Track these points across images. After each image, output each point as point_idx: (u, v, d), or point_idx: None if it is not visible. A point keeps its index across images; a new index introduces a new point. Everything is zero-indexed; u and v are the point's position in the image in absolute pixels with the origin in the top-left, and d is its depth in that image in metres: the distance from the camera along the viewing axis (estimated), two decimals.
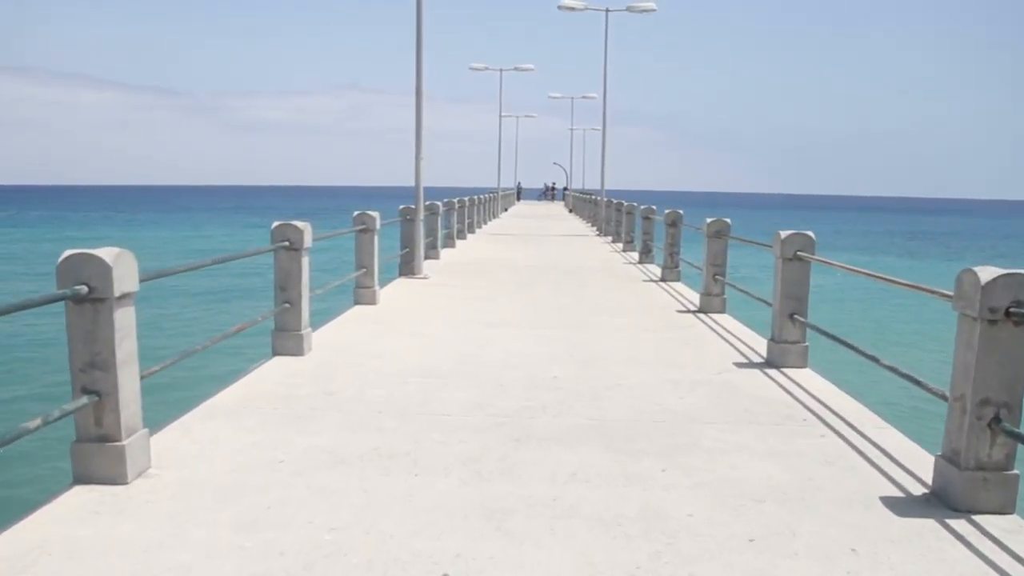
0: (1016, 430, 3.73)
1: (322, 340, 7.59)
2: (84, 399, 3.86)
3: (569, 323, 8.83)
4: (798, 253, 6.95)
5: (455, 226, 19.12)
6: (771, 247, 7.37)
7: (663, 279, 12.89)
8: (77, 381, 3.88)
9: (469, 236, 22.47)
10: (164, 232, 60.62)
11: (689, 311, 9.95)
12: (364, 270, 9.91)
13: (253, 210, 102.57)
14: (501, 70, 38.81)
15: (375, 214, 9.87)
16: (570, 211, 47.04)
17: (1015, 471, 3.84)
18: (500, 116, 39.75)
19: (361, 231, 9.89)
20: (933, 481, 4.08)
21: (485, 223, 28.68)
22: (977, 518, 3.76)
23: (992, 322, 3.71)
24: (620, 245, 20.25)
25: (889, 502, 3.97)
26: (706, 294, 9.86)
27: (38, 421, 3.54)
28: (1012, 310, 3.68)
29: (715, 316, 9.56)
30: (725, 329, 8.69)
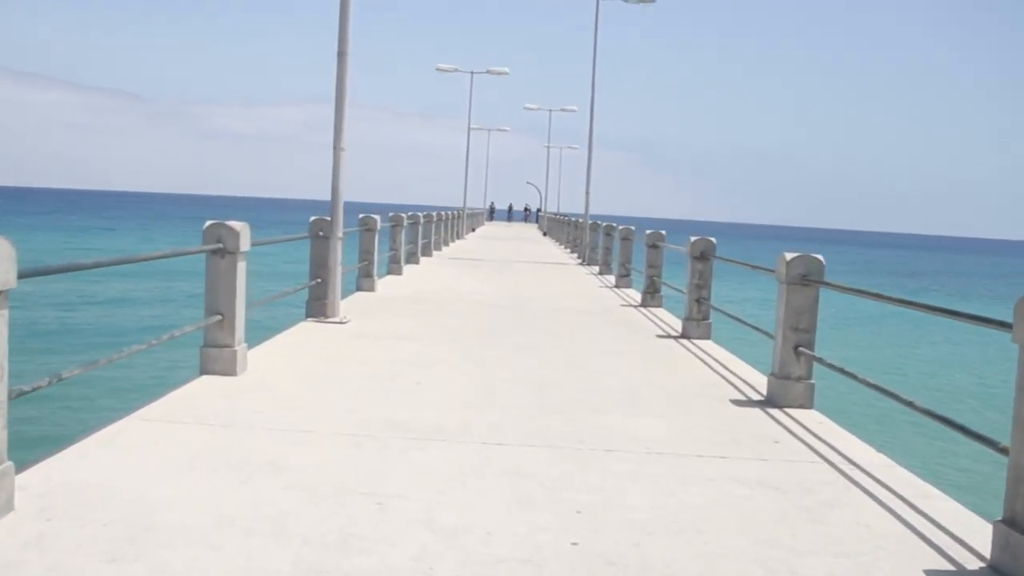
0: None
1: (63, 475, 3.64)
2: None
3: (559, 433, 4.91)
4: None
5: (403, 247, 15.16)
6: (989, 323, 3.60)
7: (686, 335, 9.02)
8: None
9: (424, 260, 18.53)
10: None
11: (752, 401, 6.08)
12: (219, 318, 5.94)
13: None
14: (472, 72, 34.86)
15: (238, 227, 5.90)
16: (544, 234, 43.31)
17: None
18: (469, 125, 35.89)
19: (214, 253, 5.93)
20: None
21: (446, 244, 24.75)
22: None
23: None
24: (612, 278, 16.42)
25: None
26: (781, 376, 5.98)
27: None
28: None
29: (796, 413, 5.71)
30: (842, 455, 4.78)
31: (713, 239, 8.94)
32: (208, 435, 4.47)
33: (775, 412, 5.75)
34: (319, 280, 9.00)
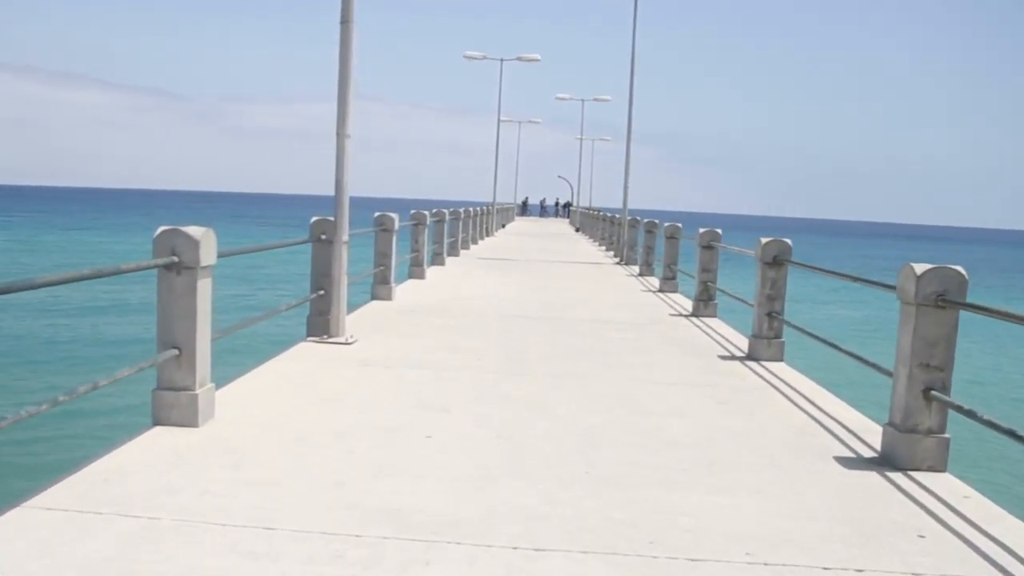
0: None
1: None
2: None
3: (619, 525, 3.50)
4: None
5: (425, 248, 13.82)
6: None
7: (754, 355, 7.57)
8: None
9: (450, 260, 17.21)
10: None
11: (864, 460, 4.65)
12: (174, 353, 4.63)
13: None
14: (501, 60, 33.30)
15: (198, 234, 4.57)
16: (577, 230, 41.84)
17: None
18: (499, 115, 34.37)
19: (168, 269, 4.61)
20: None
21: (474, 243, 23.40)
22: None
23: None
24: (654, 280, 14.98)
25: None
26: (905, 429, 4.54)
27: None
28: None
29: (929, 480, 4.30)
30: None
31: (788, 241, 7.50)
32: (123, 536, 3.14)
33: (900, 479, 4.33)
34: (322, 292, 7.68)
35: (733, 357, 7.68)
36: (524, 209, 71.03)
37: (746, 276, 9.04)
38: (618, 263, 19.57)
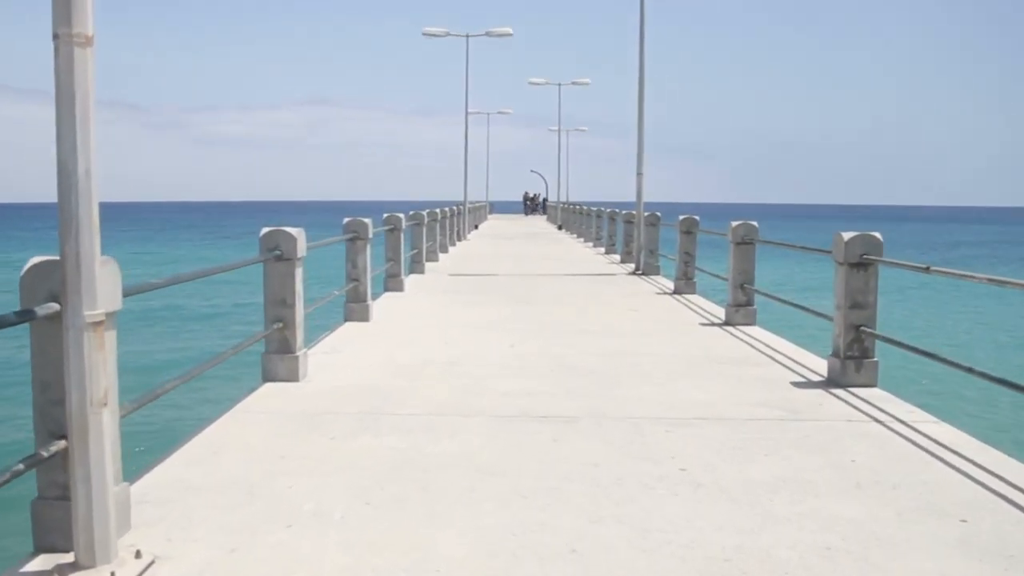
0: None
1: None
2: None
3: None
4: None
5: (368, 272, 9.11)
6: None
7: None
8: None
9: (411, 281, 12.58)
10: None
11: None
12: None
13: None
14: (467, 36, 28.47)
15: None
16: (559, 227, 37.26)
17: None
18: (466, 100, 29.49)
19: None
20: None
21: (443, 251, 18.73)
22: None
23: None
24: (705, 303, 10.37)
25: None
26: None
27: None
28: None
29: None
30: None
31: None
32: None
33: None
34: (63, 442, 3.05)
35: None
36: (535, 207, 62.36)
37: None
38: (634, 272, 14.98)
